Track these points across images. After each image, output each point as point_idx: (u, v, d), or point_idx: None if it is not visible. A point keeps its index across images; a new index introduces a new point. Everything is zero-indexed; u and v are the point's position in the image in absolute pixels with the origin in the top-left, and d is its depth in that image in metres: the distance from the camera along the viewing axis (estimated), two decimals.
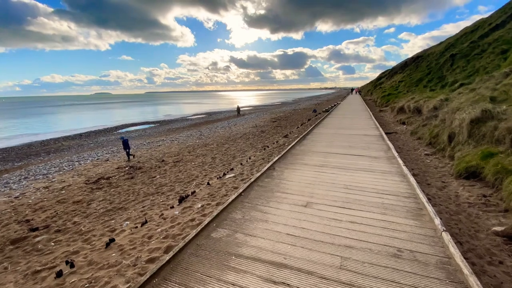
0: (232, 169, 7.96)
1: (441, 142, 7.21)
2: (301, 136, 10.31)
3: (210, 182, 6.90)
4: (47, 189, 8.18)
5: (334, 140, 9.64)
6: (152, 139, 18.47)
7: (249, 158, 9.24)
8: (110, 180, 8.64)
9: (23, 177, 9.88)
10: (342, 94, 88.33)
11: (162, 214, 5.15)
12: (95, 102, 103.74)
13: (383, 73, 62.54)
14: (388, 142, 8.67)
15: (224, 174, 7.48)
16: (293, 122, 20.27)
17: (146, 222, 4.89)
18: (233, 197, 4.73)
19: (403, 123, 13.18)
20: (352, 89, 69.32)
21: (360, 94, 57.78)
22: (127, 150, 11.86)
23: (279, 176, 5.80)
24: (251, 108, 54.85)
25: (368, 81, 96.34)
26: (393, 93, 25.74)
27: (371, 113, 18.11)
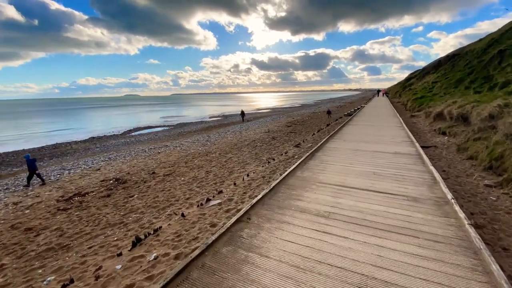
0: (221, 192, 6.36)
1: (510, 169, 5.03)
2: (309, 153, 8.03)
3: (186, 213, 5.35)
4: (14, 206, 7.16)
5: (352, 161, 7.09)
6: (158, 144, 17.49)
7: (247, 175, 7.59)
8: (85, 197, 7.44)
9: (3, 188, 9.07)
10: (367, 96, 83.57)
11: (100, 268, 3.67)
12: (123, 104, 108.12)
13: (412, 73, 57.81)
14: (432, 168, 5.95)
15: (208, 200, 5.89)
16: (310, 128, 18.29)
17: (71, 282, 3.43)
18: (195, 254, 3.11)
19: (443, 133, 10.75)
20: (379, 91, 64.94)
21: (387, 96, 53.74)
22: (33, 171, 9.27)
23: (251, 241, 3.45)
24: (269, 110, 53.17)
25: (395, 82, 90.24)
26: (427, 95, 22.71)
27: (401, 120, 15.59)
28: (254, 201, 4.56)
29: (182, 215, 5.22)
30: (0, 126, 39.69)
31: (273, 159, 9.35)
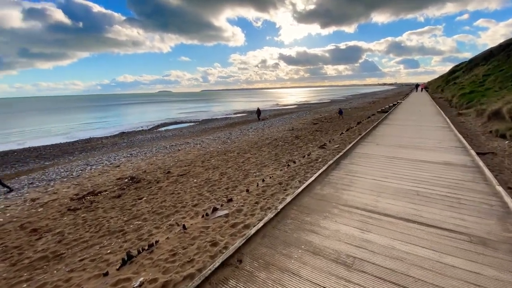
0: (230, 200, 5.69)
1: None
2: (333, 160, 6.72)
3: (188, 224, 4.77)
4: (31, 203, 7.23)
5: (387, 173, 5.71)
6: (180, 140, 17.45)
7: (263, 180, 6.84)
8: (97, 197, 7.28)
9: (28, 182, 9.40)
10: (404, 90, 77.37)
11: None
12: (156, 100, 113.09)
13: (457, 66, 51.95)
14: (500, 189, 4.41)
15: (215, 210, 5.26)
16: (338, 126, 16.90)
17: None
18: None
19: (502, 136, 8.93)
20: (417, 85, 59.55)
21: (426, 90, 49.01)
22: None
23: None
24: (295, 106, 51.59)
25: (436, 76, 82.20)
26: (478, 90, 19.84)
27: (446, 119, 13.57)
28: (252, 231, 3.55)
29: (184, 227, 4.64)
30: (48, 120, 43.55)
31: (294, 162, 8.46)
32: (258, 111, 28.82)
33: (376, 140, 9.39)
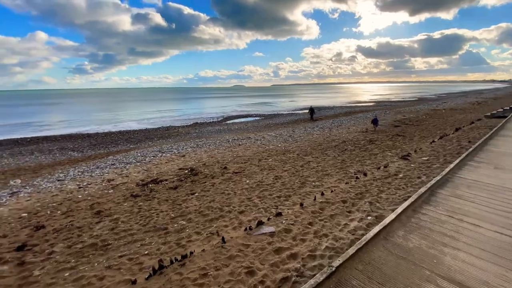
0: (279, 214, 4.88)
1: None
2: (425, 188, 4.75)
3: (228, 237, 4.21)
4: (106, 184, 8.12)
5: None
6: (243, 135, 17.53)
7: (322, 194, 5.75)
8: (157, 186, 7.62)
9: (111, 163, 10.80)
10: None
11: None
12: (229, 95, 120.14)
13: None
14: None
15: (261, 224, 4.55)
16: (427, 131, 13.76)
17: None
18: None
19: None
20: None
21: None
22: None
23: None
24: (372, 104, 46.06)
25: None
26: None
27: None
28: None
29: (223, 239, 4.11)
30: (143, 107, 51.73)
31: (365, 174, 6.98)
32: (311, 110, 24.87)
33: (494, 161, 6.76)
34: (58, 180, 8.80)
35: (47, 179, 9.03)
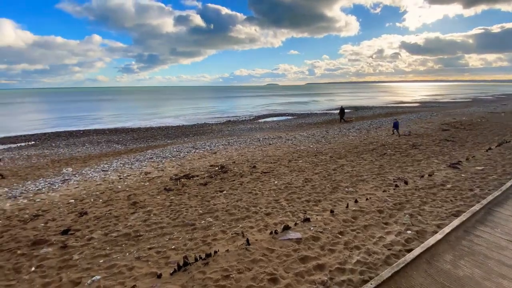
0: (307, 220, 4.65)
1: None
2: (482, 205, 4.14)
3: (253, 239, 4.12)
4: (144, 176, 8.63)
5: None
6: (274, 134, 17.35)
7: (356, 201, 5.36)
8: (189, 181, 7.86)
9: (149, 156, 11.47)
10: None
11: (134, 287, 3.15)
12: (263, 94, 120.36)
13: None
14: None
15: (287, 229, 4.37)
16: (483, 136, 12.13)
17: None
18: None
19: None
20: None
21: None
22: None
23: None
24: (417, 104, 42.35)
25: None
26: None
27: None
28: None
29: (247, 241, 4.04)
30: (183, 104, 54.52)
31: (406, 182, 6.35)
32: (342, 111, 22.73)
33: None
34: (103, 171, 9.61)
35: (93, 169, 9.92)
